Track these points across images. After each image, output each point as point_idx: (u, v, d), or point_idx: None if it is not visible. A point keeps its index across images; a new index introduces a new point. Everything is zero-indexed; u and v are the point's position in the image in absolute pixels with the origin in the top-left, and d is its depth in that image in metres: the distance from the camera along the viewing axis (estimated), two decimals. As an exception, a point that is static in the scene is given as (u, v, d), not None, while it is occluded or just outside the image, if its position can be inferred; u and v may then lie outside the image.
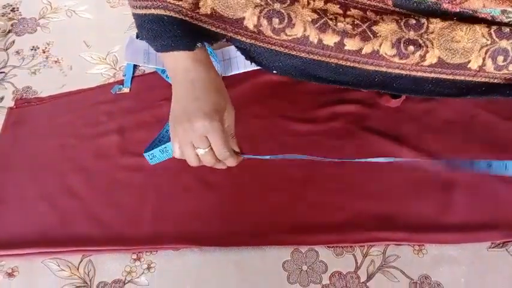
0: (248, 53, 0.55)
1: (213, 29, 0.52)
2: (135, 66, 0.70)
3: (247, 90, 0.68)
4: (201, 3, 0.51)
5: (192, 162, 0.50)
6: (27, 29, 0.76)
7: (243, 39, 0.54)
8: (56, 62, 0.72)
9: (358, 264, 0.54)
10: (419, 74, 0.56)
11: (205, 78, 0.50)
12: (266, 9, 0.53)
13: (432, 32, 0.54)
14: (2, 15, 0.77)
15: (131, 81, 0.69)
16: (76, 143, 0.63)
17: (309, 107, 0.66)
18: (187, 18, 0.50)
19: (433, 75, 0.55)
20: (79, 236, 0.55)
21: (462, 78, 0.55)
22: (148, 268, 0.53)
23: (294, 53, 0.55)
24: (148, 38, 0.51)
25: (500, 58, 0.54)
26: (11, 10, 0.78)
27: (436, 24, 0.53)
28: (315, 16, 0.53)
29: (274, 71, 0.57)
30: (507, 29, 0.52)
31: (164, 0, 0.48)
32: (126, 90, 0.68)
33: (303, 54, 0.55)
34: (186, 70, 0.50)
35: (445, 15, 0.53)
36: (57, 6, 0.78)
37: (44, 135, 0.64)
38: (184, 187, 0.59)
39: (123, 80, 0.69)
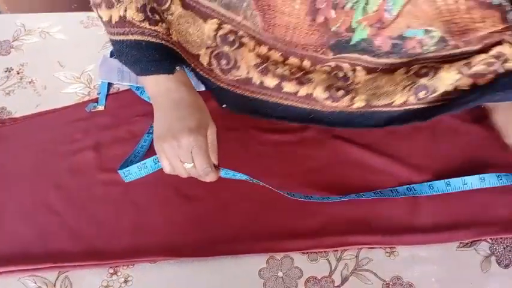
0: (206, 85, 0.60)
1: (180, 55, 0.56)
2: (109, 85, 0.71)
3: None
4: (171, 31, 0.54)
5: (183, 174, 0.52)
6: (1, 51, 0.77)
7: (201, 72, 0.58)
8: (30, 82, 0.72)
9: (333, 269, 0.55)
10: (349, 110, 0.61)
11: (188, 98, 0.53)
12: (216, 51, 0.58)
13: (358, 83, 0.60)
14: (-25, 38, 0.78)
15: (106, 98, 0.70)
16: (52, 160, 0.63)
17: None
18: (163, 42, 0.53)
19: (363, 112, 0.61)
20: (56, 252, 0.55)
21: (387, 109, 0.61)
22: (126, 282, 0.54)
23: (239, 91, 0.60)
24: (128, 63, 0.53)
25: (421, 93, 0.60)
26: (-16, 32, 0.79)
27: (361, 78, 0.60)
28: (258, 60, 0.59)
29: (223, 106, 0.62)
30: (423, 71, 0.59)
31: (140, 26, 0.51)
32: (100, 108, 0.69)
33: (247, 93, 0.60)
34: (168, 91, 0.53)
35: (378, 56, 0.59)
36: (31, 28, 0.79)
37: (19, 154, 0.64)
38: (160, 200, 0.59)
39: (97, 98, 0.70)
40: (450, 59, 0.59)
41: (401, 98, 0.60)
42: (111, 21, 0.51)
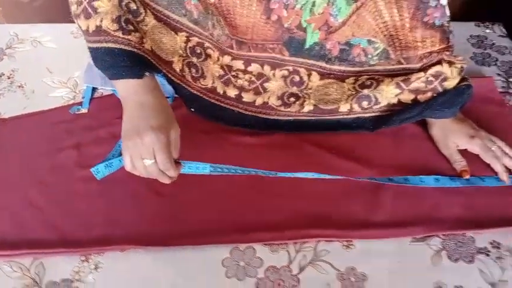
0: (177, 90, 0.66)
1: (153, 61, 0.61)
2: (93, 90, 0.76)
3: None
4: (144, 40, 0.59)
5: (142, 173, 0.56)
6: (-6, 58, 0.82)
7: (173, 78, 0.64)
8: (19, 86, 0.78)
9: (291, 259, 0.59)
10: (302, 118, 0.69)
11: (153, 101, 0.57)
12: (187, 60, 0.65)
13: (310, 88, 0.67)
14: (-30, 46, 0.83)
15: (89, 102, 0.75)
16: (35, 158, 0.68)
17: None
18: (135, 50, 0.58)
19: (313, 118, 0.68)
20: (31, 240, 0.59)
21: (337, 117, 0.68)
22: (96, 268, 0.57)
23: (207, 98, 0.67)
24: (102, 68, 0.58)
25: (364, 103, 0.67)
26: (-21, 41, 0.85)
27: (314, 83, 0.67)
28: (222, 72, 0.66)
29: (192, 109, 0.68)
30: (368, 82, 0.66)
31: (114, 35, 0.56)
32: (84, 110, 0.74)
33: (213, 100, 0.68)
34: (136, 94, 0.57)
35: (331, 61, 0.65)
36: (23, 38, 0.85)
37: (5, 152, 0.68)
38: (133, 195, 0.63)
39: (82, 101, 0.75)
40: (394, 74, 0.66)
41: (346, 105, 0.67)
42: (88, 30, 0.56)
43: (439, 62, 0.64)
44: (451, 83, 0.65)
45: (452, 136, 0.68)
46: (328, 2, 0.60)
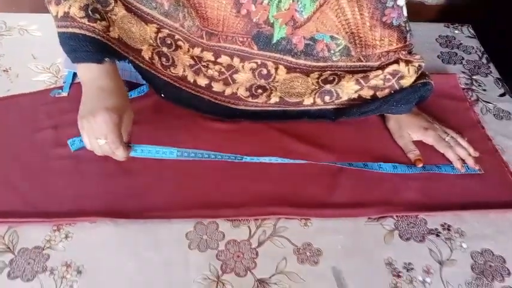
0: (143, 76, 0.68)
1: (118, 50, 0.65)
2: (74, 75, 0.80)
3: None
4: (111, 29, 0.63)
5: (98, 152, 0.59)
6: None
7: (140, 64, 0.68)
8: (4, 71, 0.81)
9: (251, 234, 0.62)
10: (268, 108, 0.72)
11: (111, 85, 0.61)
12: (157, 50, 0.68)
13: (277, 81, 0.71)
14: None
15: (70, 87, 0.79)
16: (14, 136, 0.71)
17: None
18: (99, 37, 0.61)
19: (277, 108, 0.73)
20: (7, 211, 0.62)
21: (302, 109, 0.73)
22: (66, 237, 0.61)
23: (177, 85, 0.70)
24: (67, 51, 0.62)
25: (327, 98, 0.71)
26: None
27: (281, 76, 0.70)
28: (192, 62, 0.70)
29: (162, 95, 0.71)
30: (331, 77, 0.70)
31: (80, 22, 0.60)
32: (64, 94, 0.77)
33: (183, 87, 0.71)
34: (95, 79, 0.61)
35: (297, 55, 0.69)
36: (11, 26, 0.89)
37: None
38: (104, 172, 0.67)
39: (62, 86, 0.79)
40: (355, 71, 0.70)
41: (310, 99, 0.71)
42: (57, 16, 0.60)
43: (396, 61, 0.68)
44: (407, 81, 0.70)
45: (407, 128, 0.72)
46: None
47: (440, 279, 0.59)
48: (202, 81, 0.71)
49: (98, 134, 0.57)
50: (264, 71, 0.70)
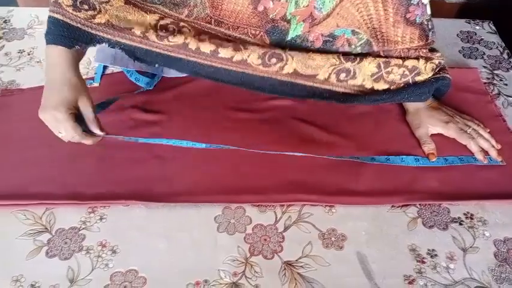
0: (132, 53, 0.67)
1: (100, 33, 0.65)
2: (105, 67, 0.83)
3: (197, 87, 0.80)
4: (98, 16, 0.64)
5: (65, 140, 0.64)
6: (16, 37, 0.89)
7: (128, 42, 0.66)
8: (38, 62, 0.84)
9: (277, 219, 0.64)
10: (278, 78, 0.69)
11: (60, 78, 0.63)
12: (159, 25, 0.65)
13: (296, 49, 0.68)
14: (-5, 25, 0.91)
15: (101, 78, 0.82)
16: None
17: (247, 100, 0.78)
18: (78, 25, 0.63)
19: (288, 79, 0.70)
20: (44, 194, 0.65)
21: (311, 84, 0.70)
22: (101, 219, 0.63)
23: (172, 54, 0.67)
24: (45, 33, 0.64)
25: (342, 75, 0.69)
26: (4, 21, 0.92)
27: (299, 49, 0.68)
28: (197, 34, 0.66)
29: (156, 65, 0.69)
30: (353, 56, 0.69)
31: (65, 9, 0.63)
32: (95, 84, 0.80)
33: (181, 56, 0.67)
34: (54, 65, 0.64)
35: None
36: (43, 19, 0.92)
37: (22, 118, 0.75)
38: (136, 159, 0.69)
39: (94, 77, 0.81)
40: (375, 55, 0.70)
41: (325, 73, 0.69)
42: (51, 1, 0.64)
43: (416, 58, 0.69)
44: (422, 78, 0.71)
45: (427, 122, 0.73)
46: None
47: (464, 266, 0.60)
48: (206, 48, 0.66)
49: (53, 130, 0.62)
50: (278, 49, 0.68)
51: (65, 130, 0.62)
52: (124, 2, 0.64)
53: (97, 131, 0.65)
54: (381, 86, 0.71)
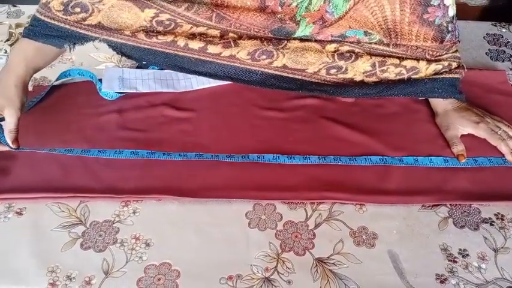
0: (119, 49, 0.68)
1: (88, 33, 0.66)
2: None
3: (228, 86, 0.80)
4: (89, 18, 0.65)
5: None
6: (48, 35, 0.91)
7: (115, 39, 0.66)
8: (69, 59, 0.86)
9: (308, 216, 0.64)
10: (265, 70, 0.69)
11: (6, 81, 0.65)
12: (149, 29, 0.66)
13: (288, 48, 0.67)
14: (27, 24, 0.92)
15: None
16: (80, 119, 0.75)
17: (277, 100, 0.79)
18: (67, 26, 0.65)
19: (276, 72, 0.69)
20: (79, 187, 0.66)
21: (299, 77, 0.70)
22: (134, 213, 0.64)
23: (161, 50, 0.67)
24: (29, 29, 0.65)
25: (333, 70, 0.69)
26: (35, 20, 0.94)
27: (293, 44, 0.67)
28: (190, 35, 0.66)
29: (144, 62, 0.69)
30: (348, 54, 0.68)
31: (55, 13, 0.64)
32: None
33: (168, 51, 0.67)
34: (10, 64, 0.66)
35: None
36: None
37: (55, 112, 0.76)
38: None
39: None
40: (376, 53, 0.69)
41: (315, 68, 0.69)
42: (41, 2, 0.65)
43: (416, 59, 0.69)
44: (418, 77, 0.71)
45: (457, 123, 0.73)
46: (325, 0, 0.63)
47: (496, 266, 0.60)
48: (195, 45, 0.66)
49: None
50: (274, 40, 0.67)
51: None
52: None
53: (9, 143, 0.65)
54: (371, 79, 0.71)
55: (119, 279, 0.58)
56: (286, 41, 0.67)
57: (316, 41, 0.68)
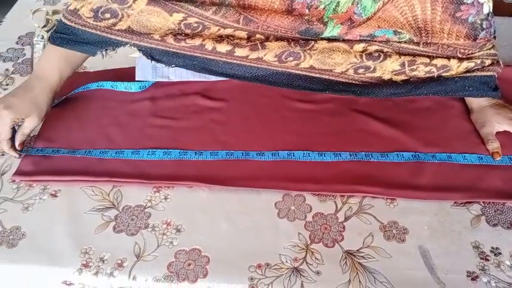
0: (149, 54, 0.69)
1: (119, 38, 0.67)
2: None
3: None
4: (119, 23, 0.66)
5: None
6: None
7: (145, 44, 0.67)
8: (104, 48, 0.87)
9: (338, 209, 0.64)
10: (293, 71, 0.69)
11: (33, 93, 0.68)
12: (176, 32, 0.66)
13: (315, 49, 0.67)
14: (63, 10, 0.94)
15: (164, 64, 0.83)
16: (115, 105, 0.77)
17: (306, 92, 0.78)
18: (98, 32, 0.66)
19: (303, 73, 0.69)
20: (112, 171, 0.67)
21: (326, 77, 0.69)
22: (165, 198, 0.65)
23: (189, 53, 0.68)
24: (56, 35, 0.67)
25: (361, 70, 0.68)
26: (71, 8, 0.96)
27: (321, 45, 0.67)
28: (218, 38, 0.67)
29: (173, 66, 0.70)
30: (376, 54, 0.67)
31: (85, 20, 0.65)
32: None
33: (197, 54, 0.68)
34: (33, 79, 0.69)
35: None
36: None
37: (90, 98, 0.78)
38: (199, 143, 0.71)
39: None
40: (405, 53, 0.68)
41: (342, 68, 0.68)
42: (68, 7, 0.66)
43: (447, 57, 0.68)
44: (449, 74, 0.69)
45: (493, 120, 0.71)
46: (353, 1, 0.62)
47: (529, 266, 0.59)
48: (223, 48, 0.66)
49: None
50: (302, 41, 0.67)
51: None
52: (146, 3, 0.64)
53: (16, 143, 0.68)
54: (400, 78, 0.70)
55: (150, 262, 0.59)
56: (313, 42, 0.67)
57: (344, 40, 0.67)
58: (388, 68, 0.69)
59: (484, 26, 0.66)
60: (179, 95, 0.78)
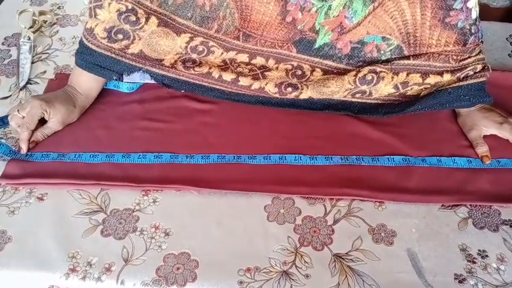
0: (161, 81, 0.72)
1: (133, 63, 0.69)
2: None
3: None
4: (131, 46, 0.68)
5: (12, 122, 0.70)
6: (70, 23, 0.92)
7: (157, 71, 0.70)
8: (91, 48, 0.86)
9: (327, 212, 0.64)
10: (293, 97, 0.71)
11: (70, 103, 0.71)
12: (184, 57, 0.69)
13: (311, 81, 0.70)
14: (50, 11, 0.93)
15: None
16: (104, 107, 0.76)
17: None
18: (113, 55, 0.68)
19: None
20: (100, 174, 0.66)
21: (327, 98, 0.72)
22: (154, 202, 0.65)
23: (197, 82, 0.71)
24: (80, 57, 0.70)
25: (357, 95, 0.71)
26: (57, 7, 0.95)
27: (316, 76, 0.70)
28: (222, 64, 0.70)
29: (182, 90, 0.74)
30: (370, 77, 0.69)
31: (99, 40, 0.67)
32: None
33: (204, 83, 0.71)
34: (73, 86, 0.73)
35: (339, 59, 0.69)
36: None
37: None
38: (187, 146, 0.70)
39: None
40: (395, 70, 0.69)
41: (340, 96, 0.71)
42: (86, 26, 0.68)
43: (440, 73, 0.69)
44: (441, 85, 0.71)
45: (480, 124, 0.72)
46: (345, 5, 0.63)
47: (515, 268, 0.60)
48: (228, 77, 0.70)
49: (22, 108, 0.69)
50: (299, 72, 0.71)
51: (27, 112, 0.68)
52: (157, 24, 0.66)
53: (31, 139, 0.69)
54: (396, 97, 0.72)
55: (138, 266, 0.58)
56: (308, 74, 0.70)
57: (338, 72, 0.70)
58: (383, 92, 0.71)
59: (473, 31, 0.67)
60: (168, 98, 0.77)
